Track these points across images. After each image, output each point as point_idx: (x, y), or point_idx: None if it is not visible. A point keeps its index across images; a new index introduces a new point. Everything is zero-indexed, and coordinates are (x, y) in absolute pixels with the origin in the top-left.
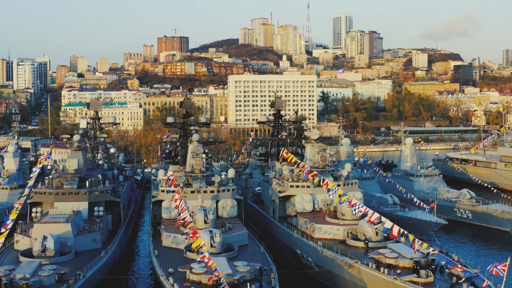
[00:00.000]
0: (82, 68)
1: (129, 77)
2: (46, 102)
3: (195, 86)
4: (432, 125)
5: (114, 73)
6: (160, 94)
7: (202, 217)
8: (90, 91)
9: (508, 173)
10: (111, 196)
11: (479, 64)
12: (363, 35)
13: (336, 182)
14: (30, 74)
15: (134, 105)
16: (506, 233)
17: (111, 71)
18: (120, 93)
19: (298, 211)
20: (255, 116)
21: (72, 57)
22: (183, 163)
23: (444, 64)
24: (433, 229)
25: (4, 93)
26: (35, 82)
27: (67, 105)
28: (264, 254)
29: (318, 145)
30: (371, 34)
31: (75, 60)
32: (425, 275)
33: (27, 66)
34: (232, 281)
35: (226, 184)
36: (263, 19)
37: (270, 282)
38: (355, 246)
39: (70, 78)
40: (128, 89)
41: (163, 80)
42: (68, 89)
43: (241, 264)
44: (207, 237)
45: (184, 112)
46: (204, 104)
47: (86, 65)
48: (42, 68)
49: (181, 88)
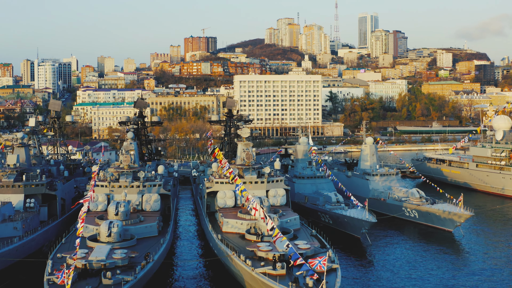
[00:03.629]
0: (108, 68)
1: (146, 77)
2: (65, 102)
3: (210, 86)
4: (439, 125)
5: (134, 73)
6: (175, 94)
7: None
8: (104, 91)
9: (479, 173)
10: (46, 189)
11: (507, 64)
12: (387, 34)
13: (260, 179)
14: (50, 74)
15: None
16: (449, 233)
17: (137, 71)
18: (134, 93)
19: (220, 206)
20: (259, 116)
21: (100, 57)
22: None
23: (468, 64)
24: (365, 227)
25: (24, 92)
26: (55, 82)
27: (78, 105)
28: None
29: (245, 143)
30: (396, 34)
31: (102, 61)
32: (280, 268)
33: (48, 66)
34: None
35: (154, 180)
36: (288, 19)
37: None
38: (250, 240)
39: (90, 78)
40: (142, 89)
41: (179, 80)
42: (83, 89)
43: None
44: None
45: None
46: (211, 104)
47: (113, 65)
48: (66, 68)
49: (195, 88)
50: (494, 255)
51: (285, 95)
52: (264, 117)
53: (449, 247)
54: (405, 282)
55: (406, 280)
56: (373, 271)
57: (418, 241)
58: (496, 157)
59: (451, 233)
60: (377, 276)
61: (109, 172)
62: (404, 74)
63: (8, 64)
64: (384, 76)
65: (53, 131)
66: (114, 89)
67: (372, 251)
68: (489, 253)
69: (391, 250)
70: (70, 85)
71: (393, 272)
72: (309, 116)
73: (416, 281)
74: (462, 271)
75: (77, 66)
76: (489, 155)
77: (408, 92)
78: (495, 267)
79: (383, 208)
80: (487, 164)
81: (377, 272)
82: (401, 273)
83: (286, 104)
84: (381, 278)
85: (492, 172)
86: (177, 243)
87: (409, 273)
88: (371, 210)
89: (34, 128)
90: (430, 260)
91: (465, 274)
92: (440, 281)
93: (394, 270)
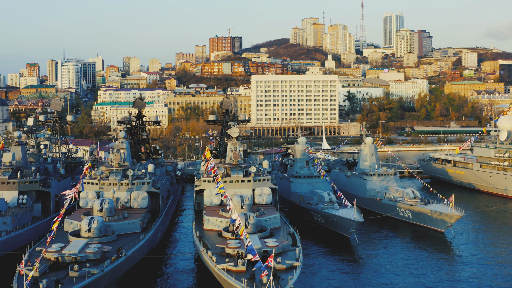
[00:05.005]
0: (134, 68)
1: (168, 77)
2: (87, 102)
3: (231, 86)
4: (457, 126)
5: (157, 73)
6: (193, 94)
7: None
8: (125, 91)
9: (482, 174)
10: (40, 186)
11: None
12: (412, 34)
13: (246, 178)
14: (73, 74)
15: (160, 105)
16: (441, 234)
17: (162, 70)
18: (154, 92)
19: (207, 204)
20: (276, 116)
21: (125, 57)
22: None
23: (493, 64)
24: (353, 227)
25: (47, 92)
26: (78, 81)
27: (98, 104)
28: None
29: (232, 142)
30: (420, 33)
31: (128, 60)
32: (241, 264)
33: (71, 66)
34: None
35: (143, 178)
36: (313, 18)
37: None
38: (226, 237)
39: (113, 78)
40: (162, 89)
41: (200, 80)
42: (104, 89)
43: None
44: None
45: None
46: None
47: (138, 65)
48: (91, 68)
49: (215, 88)
50: (483, 258)
51: (302, 95)
52: (280, 117)
53: (436, 249)
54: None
55: (385, 279)
56: (355, 270)
57: (409, 241)
58: (499, 158)
59: (443, 233)
60: (354, 276)
61: (99, 170)
62: (428, 74)
63: (35, 64)
64: (408, 76)
65: (52, 130)
66: (135, 89)
67: (359, 250)
68: (478, 255)
69: (378, 251)
70: (95, 84)
71: (378, 273)
72: (326, 116)
73: (393, 282)
74: (447, 275)
75: (103, 66)
76: (493, 155)
77: (428, 92)
78: (483, 271)
79: (379, 208)
80: (491, 164)
81: (356, 271)
82: (385, 274)
83: (303, 104)
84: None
85: (495, 172)
86: (167, 240)
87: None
88: (366, 209)
89: (32, 127)
90: (413, 261)
91: (448, 278)
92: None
93: (381, 270)
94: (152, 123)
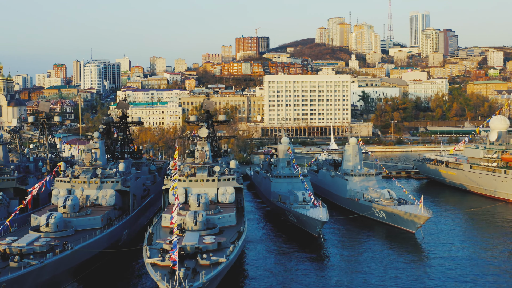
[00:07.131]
0: (160, 68)
1: (188, 77)
2: (109, 102)
3: (249, 86)
4: (471, 126)
5: (178, 74)
6: (207, 94)
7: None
8: (143, 91)
9: (472, 175)
10: (17, 184)
11: None
12: (438, 33)
13: (211, 177)
14: (95, 74)
15: (174, 105)
16: (412, 234)
17: (188, 71)
18: (172, 93)
19: (171, 202)
20: (288, 116)
21: (151, 57)
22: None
23: None
24: (318, 226)
25: (68, 93)
26: (100, 82)
27: (115, 105)
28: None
29: (200, 142)
30: (446, 32)
31: (154, 61)
32: (167, 259)
33: (93, 67)
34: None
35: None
36: (339, 18)
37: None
38: (176, 234)
39: (135, 79)
40: (181, 89)
41: (219, 80)
42: (123, 89)
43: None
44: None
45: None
46: (241, 104)
47: (164, 65)
48: (115, 68)
49: (233, 88)
50: (447, 261)
51: (314, 95)
52: (292, 117)
53: (402, 249)
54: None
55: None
56: (319, 267)
57: (377, 240)
58: (488, 159)
59: (414, 234)
60: (301, 274)
61: (70, 169)
62: (453, 73)
63: (61, 65)
64: (432, 75)
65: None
66: (154, 89)
67: (324, 249)
68: (445, 258)
69: (342, 250)
70: (120, 85)
71: (339, 271)
72: (338, 116)
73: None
74: (409, 277)
75: (129, 66)
76: (482, 156)
77: (447, 92)
78: (447, 274)
79: (356, 207)
80: (480, 165)
81: (320, 268)
82: (347, 273)
83: (315, 104)
84: (322, 275)
85: (484, 173)
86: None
87: (351, 273)
88: (346, 209)
89: (15, 127)
90: (371, 260)
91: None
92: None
93: (344, 267)
94: (135, 123)
